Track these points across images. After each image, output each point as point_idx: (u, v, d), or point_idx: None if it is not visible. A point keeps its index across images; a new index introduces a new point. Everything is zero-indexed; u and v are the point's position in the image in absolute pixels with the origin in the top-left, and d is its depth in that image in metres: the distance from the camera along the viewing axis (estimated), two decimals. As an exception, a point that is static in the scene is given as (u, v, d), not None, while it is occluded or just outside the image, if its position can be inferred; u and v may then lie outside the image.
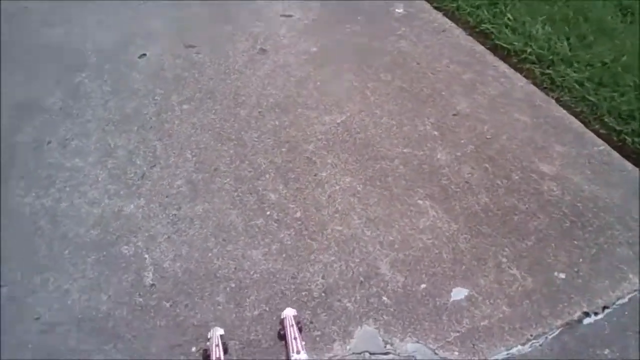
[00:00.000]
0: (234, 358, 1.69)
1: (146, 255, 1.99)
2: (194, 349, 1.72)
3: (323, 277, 1.88)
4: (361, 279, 1.87)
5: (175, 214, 2.13)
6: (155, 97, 2.74)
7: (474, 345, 1.67)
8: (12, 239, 2.06)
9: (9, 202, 2.20)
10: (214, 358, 1.64)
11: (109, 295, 1.87)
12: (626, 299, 1.76)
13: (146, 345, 1.73)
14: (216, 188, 2.24)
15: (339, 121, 2.54)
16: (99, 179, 2.29)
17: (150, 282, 1.90)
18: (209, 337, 1.71)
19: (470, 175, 2.24)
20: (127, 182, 2.28)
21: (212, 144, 2.45)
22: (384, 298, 1.81)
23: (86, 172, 2.32)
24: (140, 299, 1.85)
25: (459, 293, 1.82)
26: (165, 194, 2.22)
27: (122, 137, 2.50)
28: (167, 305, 1.84)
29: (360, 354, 1.68)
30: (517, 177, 2.23)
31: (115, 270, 1.94)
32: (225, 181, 2.27)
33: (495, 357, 1.64)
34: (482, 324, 1.72)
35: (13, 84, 2.81)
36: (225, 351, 1.69)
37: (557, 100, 2.66)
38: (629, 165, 2.28)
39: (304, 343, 1.67)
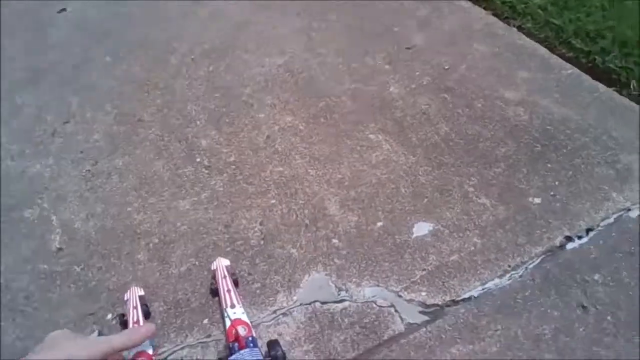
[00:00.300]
0: (158, 321, 1.39)
1: (53, 217, 1.68)
2: (109, 315, 1.42)
3: (261, 224, 1.60)
4: (306, 221, 1.59)
5: (89, 170, 1.82)
6: (74, 52, 2.42)
7: (443, 282, 1.41)
8: None
9: None
10: (131, 323, 1.35)
11: (5, 265, 1.55)
12: (612, 219, 1.52)
13: (51, 317, 1.42)
14: (139, 139, 1.93)
15: (279, 63, 2.26)
16: (0, 141, 1.96)
17: (57, 246, 1.59)
18: (125, 299, 1.41)
19: (427, 106, 1.98)
20: (35, 141, 1.95)
21: (136, 95, 2.14)
22: (334, 240, 1.54)
23: (-15, 134, 1.99)
24: (45, 266, 1.54)
25: (422, 228, 1.55)
26: (79, 150, 1.90)
27: (32, 95, 2.17)
28: (78, 269, 1.53)
29: (309, 304, 1.40)
30: (479, 105, 1.98)
31: (15, 237, 1.63)
32: (150, 131, 1.96)
33: (470, 293, 1.38)
34: (451, 258, 1.46)
35: None
36: (147, 315, 1.38)
37: (519, 28, 2.44)
38: (601, 87, 2.06)
39: (240, 297, 1.39)
